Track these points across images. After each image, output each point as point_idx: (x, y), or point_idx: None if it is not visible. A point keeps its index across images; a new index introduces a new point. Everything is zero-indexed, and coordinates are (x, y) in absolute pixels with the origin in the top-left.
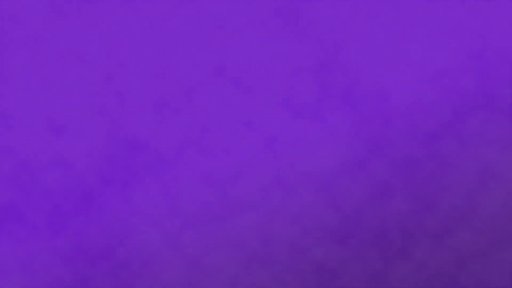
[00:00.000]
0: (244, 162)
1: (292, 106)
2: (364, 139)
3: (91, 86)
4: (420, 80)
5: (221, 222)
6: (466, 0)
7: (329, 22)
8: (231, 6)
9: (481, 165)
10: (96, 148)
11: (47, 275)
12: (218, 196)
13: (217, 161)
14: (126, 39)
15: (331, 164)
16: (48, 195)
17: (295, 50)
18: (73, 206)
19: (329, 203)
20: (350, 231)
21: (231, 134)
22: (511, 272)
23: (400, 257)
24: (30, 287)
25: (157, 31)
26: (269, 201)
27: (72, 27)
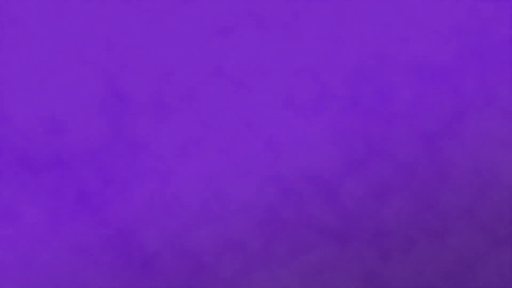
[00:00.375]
0: (244, 162)
1: (292, 106)
2: (365, 139)
3: (91, 85)
4: (420, 80)
5: (221, 222)
6: (466, 0)
7: (329, 22)
8: (231, 6)
9: (481, 165)
10: (96, 148)
11: (47, 275)
12: (218, 196)
13: (217, 161)
14: (126, 39)
15: (331, 164)
16: (48, 195)
17: (295, 50)
18: (73, 206)
19: (329, 203)
20: (350, 231)
21: (231, 134)
22: (511, 272)
23: (400, 257)
24: (30, 287)
25: (157, 31)
26: (269, 201)
27: (72, 27)
